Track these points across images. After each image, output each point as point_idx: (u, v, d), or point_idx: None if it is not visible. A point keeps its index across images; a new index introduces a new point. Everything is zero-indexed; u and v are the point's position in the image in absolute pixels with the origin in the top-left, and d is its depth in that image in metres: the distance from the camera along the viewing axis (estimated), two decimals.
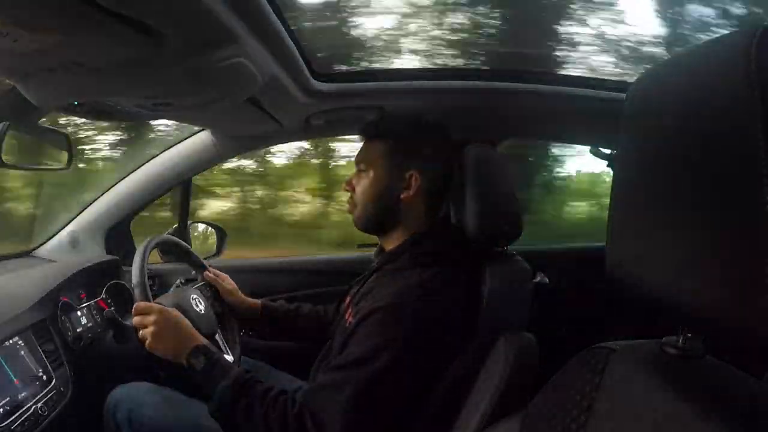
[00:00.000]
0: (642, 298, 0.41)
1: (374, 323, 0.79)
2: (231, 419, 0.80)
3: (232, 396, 0.80)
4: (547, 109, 1.22)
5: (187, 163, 1.36)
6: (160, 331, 0.86)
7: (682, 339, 0.42)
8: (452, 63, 1.41)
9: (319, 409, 0.77)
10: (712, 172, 0.33)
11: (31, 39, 0.50)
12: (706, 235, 0.33)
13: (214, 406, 0.81)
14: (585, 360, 0.48)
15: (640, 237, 0.40)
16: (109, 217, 1.38)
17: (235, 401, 0.80)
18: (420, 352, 0.78)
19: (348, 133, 1.34)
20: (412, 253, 0.88)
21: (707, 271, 0.33)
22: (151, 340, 0.86)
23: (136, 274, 0.94)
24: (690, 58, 0.37)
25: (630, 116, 0.42)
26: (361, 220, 0.95)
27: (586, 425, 0.44)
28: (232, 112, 1.02)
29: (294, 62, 0.90)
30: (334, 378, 0.78)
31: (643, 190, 0.39)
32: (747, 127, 0.30)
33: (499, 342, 0.80)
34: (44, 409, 0.84)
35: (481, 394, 0.75)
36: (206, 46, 0.63)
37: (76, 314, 1.06)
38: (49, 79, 0.65)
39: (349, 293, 1.00)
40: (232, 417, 0.80)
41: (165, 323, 0.87)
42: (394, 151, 0.91)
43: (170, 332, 0.87)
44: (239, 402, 0.79)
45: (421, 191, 0.91)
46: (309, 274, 1.49)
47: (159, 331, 0.86)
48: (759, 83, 0.30)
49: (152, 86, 0.71)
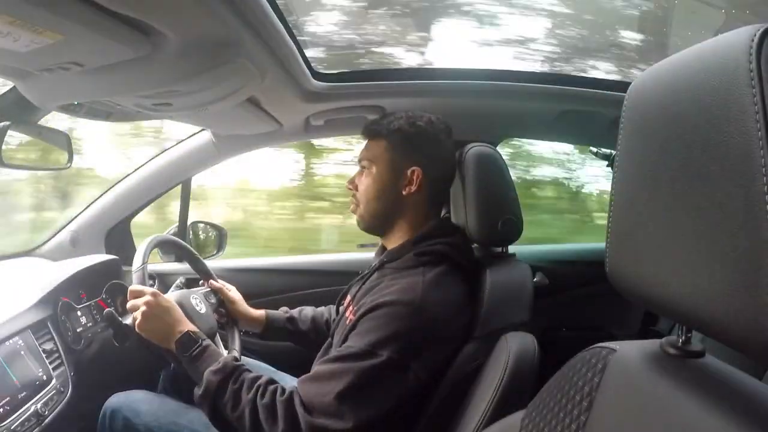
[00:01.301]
0: (642, 298, 0.41)
1: (376, 319, 0.79)
2: (217, 405, 0.78)
3: (220, 381, 0.78)
4: (547, 109, 1.22)
5: (187, 163, 1.36)
6: (150, 312, 0.86)
7: (682, 339, 0.42)
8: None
9: (311, 396, 0.76)
10: (711, 171, 0.33)
11: (31, 39, 0.50)
12: (706, 235, 0.33)
13: (200, 392, 0.79)
14: (585, 360, 0.48)
15: (640, 237, 0.40)
16: (110, 217, 1.38)
17: (223, 387, 0.78)
18: (420, 351, 0.78)
19: (348, 133, 1.34)
20: (414, 252, 0.88)
21: (707, 270, 0.33)
22: (141, 321, 0.85)
23: (137, 262, 0.94)
24: (690, 58, 0.37)
25: (630, 116, 0.42)
26: (364, 218, 0.95)
27: (586, 425, 0.44)
28: (232, 112, 1.02)
29: (294, 62, 0.90)
30: (330, 368, 0.77)
31: (643, 189, 0.39)
32: (747, 127, 0.30)
33: (499, 342, 0.80)
34: (44, 409, 0.84)
35: (481, 394, 0.75)
36: (206, 46, 0.63)
37: (76, 314, 1.06)
38: (49, 79, 0.65)
39: (349, 292, 1.00)
40: (218, 403, 0.78)
41: (156, 305, 0.87)
42: (396, 147, 0.91)
43: (161, 314, 0.86)
44: (227, 388, 0.78)
45: (422, 187, 0.91)
46: (309, 274, 1.49)
47: (149, 312, 0.86)
48: (759, 83, 0.30)
49: (152, 86, 0.71)
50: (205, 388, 0.79)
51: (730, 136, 0.32)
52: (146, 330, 0.86)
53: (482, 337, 0.84)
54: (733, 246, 0.31)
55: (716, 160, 0.33)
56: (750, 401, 0.36)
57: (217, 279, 1.14)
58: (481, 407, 0.73)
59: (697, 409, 0.36)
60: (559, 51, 1.27)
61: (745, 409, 0.35)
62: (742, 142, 0.31)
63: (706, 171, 0.33)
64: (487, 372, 0.79)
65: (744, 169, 0.31)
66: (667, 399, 0.38)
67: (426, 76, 1.17)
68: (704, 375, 0.40)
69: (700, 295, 0.34)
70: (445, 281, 0.84)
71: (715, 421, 0.34)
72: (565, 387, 0.48)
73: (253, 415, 0.75)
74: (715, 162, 0.33)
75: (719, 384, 0.38)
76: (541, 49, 1.27)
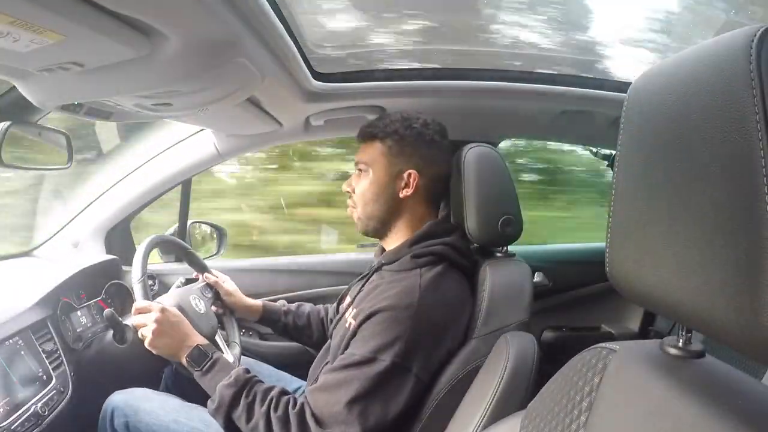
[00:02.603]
0: (642, 298, 0.41)
1: (376, 324, 0.79)
2: (232, 418, 0.80)
3: (233, 395, 0.80)
4: (547, 109, 1.22)
5: (187, 163, 1.36)
6: (160, 329, 0.87)
7: (682, 339, 0.42)
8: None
9: (321, 408, 0.77)
10: (711, 171, 0.33)
11: (31, 39, 0.50)
12: (706, 235, 0.33)
13: (214, 405, 0.81)
14: (585, 360, 0.48)
15: (640, 237, 0.40)
16: (110, 217, 1.38)
17: (236, 400, 0.80)
18: (421, 353, 0.79)
19: (348, 133, 1.34)
20: (412, 254, 0.88)
21: (707, 270, 0.33)
22: (151, 338, 0.87)
23: (137, 272, 0.94)
24: (690, 58, 0.37)
25: (630, 116, 0.42)
26: (362, 221, 0.96)
27: (586, 425, 0.44)
28: (232, 112, 1.02)
29: (294, 62, 0.90)
30: (336, 378, 0.79)
31: (643, 189, 0.39)
32: (747, 127, 0.30)
33: (499, 342, 0.80)
34: (44, 409, 0.84)
35: (481, 394, 0.75)
36: (206, 46, 0.63)
37: (76, 314, 1.06)
38: (49, 79, 0.65)
39: (348, 293, 1.00)
40: (232, 416, 0.80)
41: (165, 321, 0.88)
42: (393, 150, 0.92)
43: (170, 330, 0.88)
44: (240, 401, 0.80)
45: (420, 189, 0.92)
46: (309, 274, 1.49)
47: (159, 329, 0.87)
48: (759, 83, 0.30)
49: (152, 86, 0.71)
50: (219, 402, 0.81)
51: (730, 136, 0.32)
52: (157, 347, 0.88)
53: (482, 337, 0.84)
54: (733, 246, 0.31)
55: (716, 160, 0.33)
56: (750, 401, 0.36)
57: (211, 271, 1.15)
58: (481, 407, 0.73)
59: (698, 409, 0.36)
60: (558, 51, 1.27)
61: (745, 409, 0.35)
62: (742, 142, 0.31)
63: (706, 171, 0.33)
64: (486, 372, 0.79)
65: (744, 169, 0.31)
66: (667, 399, 0.38)
67: (426, 76, 1.17)
68: (704, 375, 0.40)
69: (700, 295, 0.34)
70: (442, 282, 0.84)
71: (716, 421, 0.34)
72: (565, 387, 0.48)
73: (268, 427, 0.77)
74: (715, 162, 0.33)
75: (719, 384, 0.39)
76: (542, 49, 1.27)
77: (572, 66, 1.20)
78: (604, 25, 1.12)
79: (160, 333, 0.87)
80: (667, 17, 1.13)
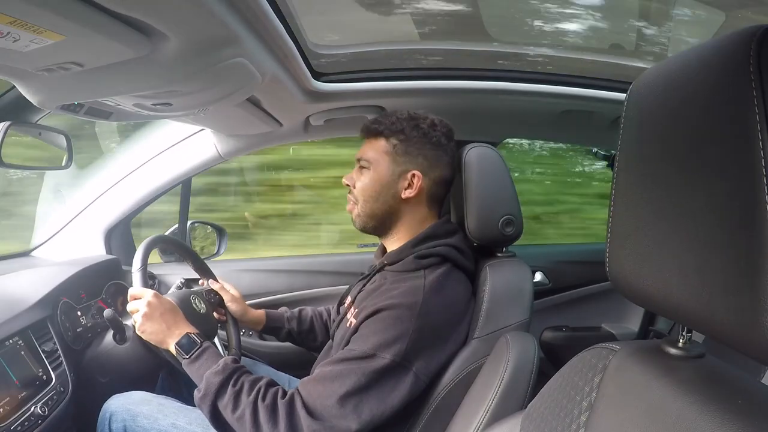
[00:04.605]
0: (642, 298, 0.41)
1: (379, 321, 0.79)
2: (217, 407, 0.78)
3: (221, 383, 0.78)
4: (547, 109, 1.22)
5: (187, 163, 1.36)
6: (150, 314, 0.86)
7: (683, 339, 0.42)
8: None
9: (314, 398, 0.76)
10: (711, 172, 0.33)
11: (31, 39, 0.50)
12: (707, 235, 0.33)
13: (200, 394, 0.79)
14: (585, 360, 0.48)
15: (640, 237, 0.40)
16: (110, 216, 1.38)
17: (223, 388, 0.78)
18: (422, 353, 0.78)
19: (348, 133, 1.34)
20: (414, 255, 0.88)
21: (707, 270, 0.33)
22: (141, 322, 0.86)
23: (137, 263, 0.94)
24: (690, 58, 0.37)
25: (630, 116, 0.42)
26: (361, 218, 0.94)
27: (586, 425, 0.44)
28: (232, 112, 1.02)
29: (294, 62, 0.90)
30: (333, 370, 0.77)
31: (643, 189, 0.39)
32: (747, 127, 0.30)
33: (499, 342, 0.80)
34: (44, 409, 0.84)
35: (481, 394, 0.75)
36: (206, 46, 0.63)
37: (76, 314, 1.06)
38: (49, 79, 0.65)
39: (349, 293, 1.00)
40: (218, 404, 0.78)
41: (156, 306, 0.87)
42: (398, 149, 0.90)
43: (160, 316, 0.86)
44: (227, 389, 0.78)
45: (422, 191, 0.91)
46: (309, 274, 1.49)
47: (149, 314, 0.86)
48: (759, 83, 0.30)
49: (152, 86, 0.71)
50: (205, 390, 0.79)
51: (730, 136, 0.32)
52: (146, 332, 0.86)
53: (482, 337, 0.84)
54: (733, 246, 0.31)
55: (716, 160, 0.33)
56: (750, 401, 0.36)
57: (217, 278, 1.14)
58: (481, 407, 0.73)
59: (698, 409, 0.36)
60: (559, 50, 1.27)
61: (745, 409, 0.35)
62: (742, 141, 0.31)
63: (706, 171, 0.33)
64: (487, 372, 0.79)
65: (744, 169, 0.31)
66: (667, 399, 0.38)
67: (426, 76, 1.17)
68: (704, 375, 0.40)
69: (700, 295, 0.34)
70: (446, 283, 0.84)
71: (716, 421, 0.34)
72: (565, 387, 0.48)
73: (254, 416, 0.75)
74: (715, 162, 0.33)
75: (719, 384, 0.39)
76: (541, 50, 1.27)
77: (572, 66, 1.20)
78: (604, 24, 1.12)
79: (150, 317, 0.85)
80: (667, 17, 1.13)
